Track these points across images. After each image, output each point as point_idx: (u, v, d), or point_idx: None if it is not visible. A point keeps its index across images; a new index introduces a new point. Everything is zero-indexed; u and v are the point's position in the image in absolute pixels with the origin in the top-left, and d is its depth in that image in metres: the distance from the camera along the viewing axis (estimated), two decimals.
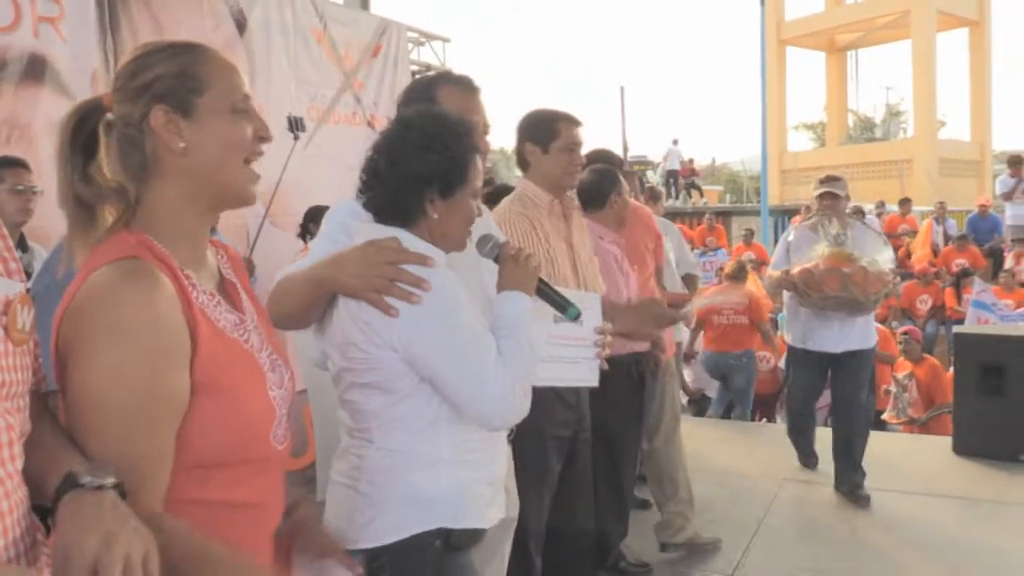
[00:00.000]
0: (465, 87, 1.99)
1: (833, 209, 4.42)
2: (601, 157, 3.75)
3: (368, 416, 1.57)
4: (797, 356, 4.69)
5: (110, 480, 0.99)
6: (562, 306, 1.76)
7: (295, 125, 4.86)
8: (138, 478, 1.05)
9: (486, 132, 1.94)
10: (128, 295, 1.07)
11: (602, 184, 3.39)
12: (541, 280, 1.73)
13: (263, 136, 1.24)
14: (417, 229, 1.61)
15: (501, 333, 1.59)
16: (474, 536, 1.66)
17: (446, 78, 2.05)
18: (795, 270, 4.34)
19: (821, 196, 4.47)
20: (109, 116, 1.18)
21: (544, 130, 2.75)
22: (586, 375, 2.15)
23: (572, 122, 2.79)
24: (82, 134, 1.17)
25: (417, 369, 1.52)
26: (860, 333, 4.42)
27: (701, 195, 21.40)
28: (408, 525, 1.56)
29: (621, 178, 3.51)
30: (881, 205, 15.80)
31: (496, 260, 1.72)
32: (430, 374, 1.53)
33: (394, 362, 1.51)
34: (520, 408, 1.56)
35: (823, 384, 4.72)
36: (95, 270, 1.10)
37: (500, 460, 1.74)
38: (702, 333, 7.08)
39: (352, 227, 1.67)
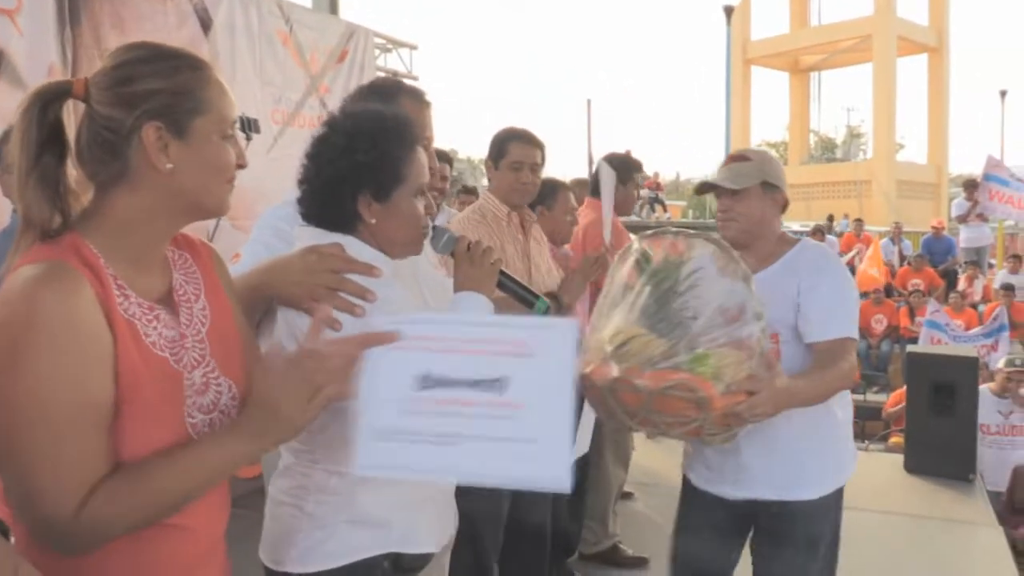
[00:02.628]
0: (419, 100, 1.96)
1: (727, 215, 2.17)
2: (615, 160, 3.65)
3: (312, 436, 1.44)
4: (683, 490, 2.42)
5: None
6: (528, 301, 1.67)
7: (248, 126, 4.77)
8: (62, 483, 1.02)
9: (429, 145, 1.88)
10: (42, 296, 1.02)
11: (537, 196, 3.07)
12: (503, 273, 1.62)
13: (240, 164, 1.24)
14: (359, 235, 1.50)
15: None
16: (424, 559, 1.58)
17: (406, 90, 2.00)
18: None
19: (700, 191, 2.36)
20: (92, 111, 1.11)
21: (496, 147, 2.89)
22: None
23: (525, 141, 2.85)
24: (45, 123, 1.10)
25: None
26: (790, 464, 2.16)
27: (665, 210, 21.58)
28: (359, 549, 1.48)
29: (559, 194, 3.33)
30: (830, 220, 16.18)
31: (452, 255, 1.62)
32: None
33: None
34: None
35: (727, 551, 2.39)
36: (16, 270, 1.06)
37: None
38: None
39: (291, 232, 1.57)
